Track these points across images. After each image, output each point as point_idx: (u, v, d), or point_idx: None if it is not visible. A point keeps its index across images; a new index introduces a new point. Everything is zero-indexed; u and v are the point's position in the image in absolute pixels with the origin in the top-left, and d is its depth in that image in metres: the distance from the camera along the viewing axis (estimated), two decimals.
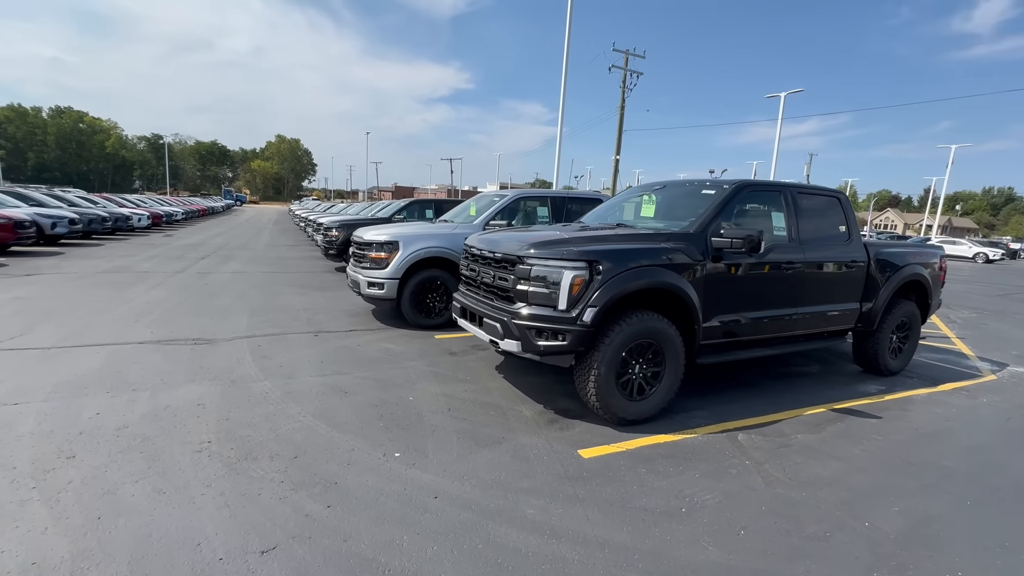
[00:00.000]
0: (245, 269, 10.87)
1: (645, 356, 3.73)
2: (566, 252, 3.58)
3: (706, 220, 4.11)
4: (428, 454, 3.12)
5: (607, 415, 3.65)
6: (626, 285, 3.54)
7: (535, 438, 3.44)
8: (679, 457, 3.28)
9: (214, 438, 3.16)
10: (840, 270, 4.88)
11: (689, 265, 3.86)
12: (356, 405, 3.81)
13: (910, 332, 5.57)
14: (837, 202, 5.07)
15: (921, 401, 4.74)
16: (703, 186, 4.64)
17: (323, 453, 3.05)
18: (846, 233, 5.04)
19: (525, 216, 7.45)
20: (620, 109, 28.68)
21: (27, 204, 14.23)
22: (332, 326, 6.27)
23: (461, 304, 4.41)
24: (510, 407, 3.96)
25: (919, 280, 5.45)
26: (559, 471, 3.01)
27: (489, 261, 4.09)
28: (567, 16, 14.66)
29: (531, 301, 3.61)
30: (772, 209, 4.68)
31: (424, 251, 6.26)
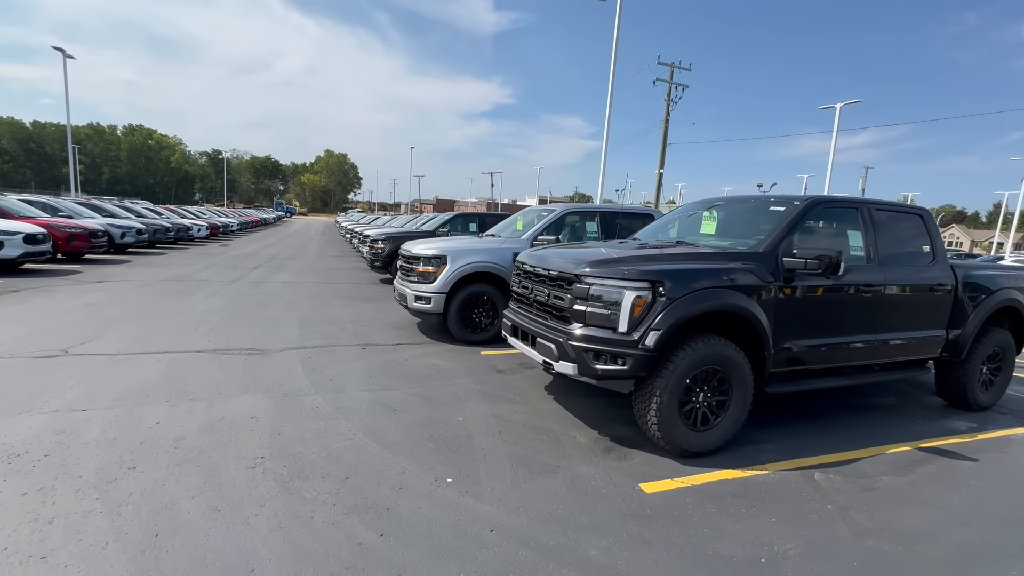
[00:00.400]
0: (295, 279, 11.18)
1: (710, 384, 3.48)
2: (627, 271, 3.40)
3: (776, 239, 3.84)
4: (481, 481, 2.99)
5: (669, 446, 3.42)
6: (692, 307, 3.32)
7: (592, 468, 3.24)
8: (751, 497, 3.01)
9: (267, 454, 3.13)
10: (924, 294, 4.47)
11: (759, 287, 3.60)
12: (405, 424, 3.73)
13: (1003, 363, 5.03)
14: (920, 220, 4.67)
15: (1020, 442, 4.24)
16: (770, 202, 4.37)
17: (374, 475, 2.97)
18: (930, 253, 4.62)
19: (572, 231, 7.30)
20: (664, 122, 28.23)
21: (100, 215, 15.24)
22: (379, 339, 6.28)
23: (512, 322, 4.29)
24: (563, 432, 3.78)
25: (1014, 306, 4.93)
26: (621, 507, 2.81)
27: (543, 279, 3.96)
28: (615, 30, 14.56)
29: (589, 322, 3.45)
30: (848, 227, 4.34)
31: (471, 266, 6.20)
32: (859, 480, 3.33)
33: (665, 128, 28.16)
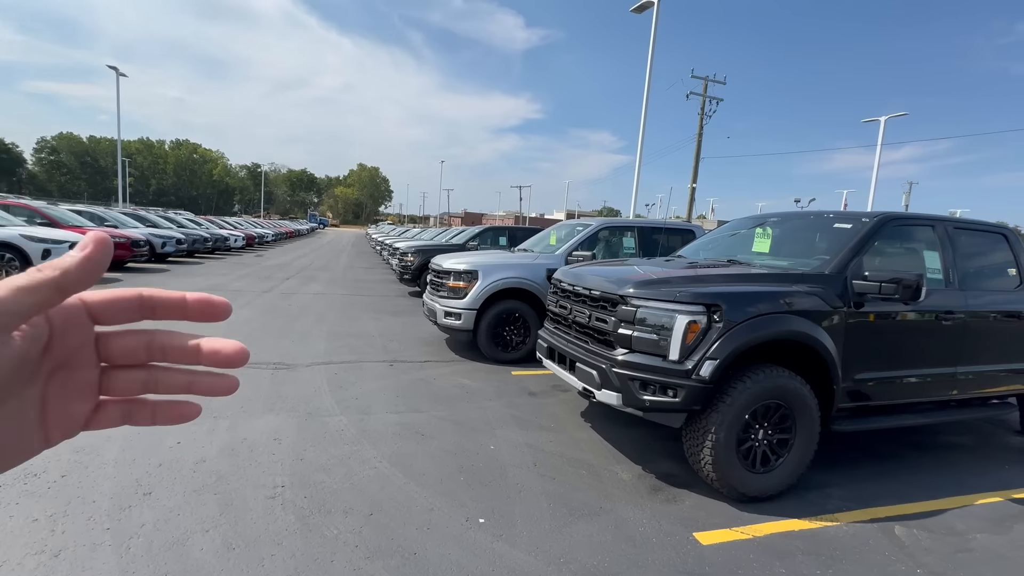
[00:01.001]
0: (325, 291, 11.20)
1: (771, 420, 3.12)
2: (679, 293, 3.10)
3: (844, 259, 3.47)
4: (516, 523, 2.70)
5: (724, 488, 3.06)
6: (753, 335, 2.98)
7: (638, 511, 2.92)
8: (824, 555, 2.63)
9: (288, 482, 2.93)
10: (1009, 321, 4.00)
11: (826, 313, 3.24)
12: (434, 452, 3.49)
13: None
14: (1004, 239, 4.20)
15: None
16: (834, 219, 3.99)
17: (400, 511, 2.72)
18: (1016, 277, 4.14)
19: (608, 247, 7.00)
20: (698, 136, 27.69)
21: (144, 225, 15.76)
22: (407, 355, 6.09)
23: (548, 343, 4.02)
24: (604, 467, 3.47)
25: None
26: (675, 561, 2.48)
27: (584, 299, 3.68)
28: (650, 41, 14.32)
29: (635, 348, 3.15)
30: (923, 247, 3.92)
31: (503, 282, 5.98)
32: (948, 538, 2.90)
33: (698, 142, 27.61)
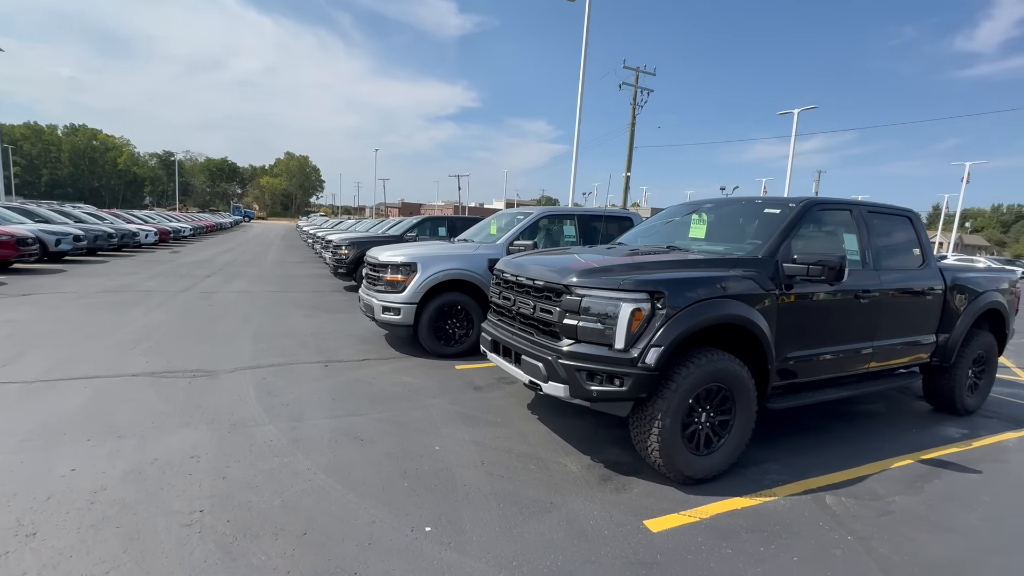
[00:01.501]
0: (251, 288, 10.43)
1: (713, 402, 3.19)
2: (623, 281, 3.06)
3: (775, 244, 3.59)
4: (465, 528, 2.57)
5: (671, 473, 3.09)
6: (694, 320, 3.01)
7: (589, 503, 2.88)
8: (766, 531, 2.71)
9: (207, 505, 2.62)
10: (916, 298, 4.34)
11: (760, 296, 3.33)
12: (374, 457, 3.28)
13: (987, 366, 4.99)
14: (909, 221, 4.55)
15: (1015, 448, 4.14)
16: (764, 204, 4.14)
17: (338, 527, 2.51)
18: (920, 256, 4.51)
19: (549, 235, 6.97)
20: (631, 126, 28.46)
21: (32, 220, 13.94)
22: (343, 354, 5.76)
23: (492, 336, 3.89)
24: (552, 459, 3.41)
25: (997, 308, 4.89)
26: (627, 553, 2.45)
27: (527, 289, 3.58)
28: (583, 35, 14.41)
29: (581, 338, 3.09)
30: (843, 230, 4.15)
31: (444, 273, 5.77)
32: (872, 503, 3.09)
33: (631, 132, 28.39)
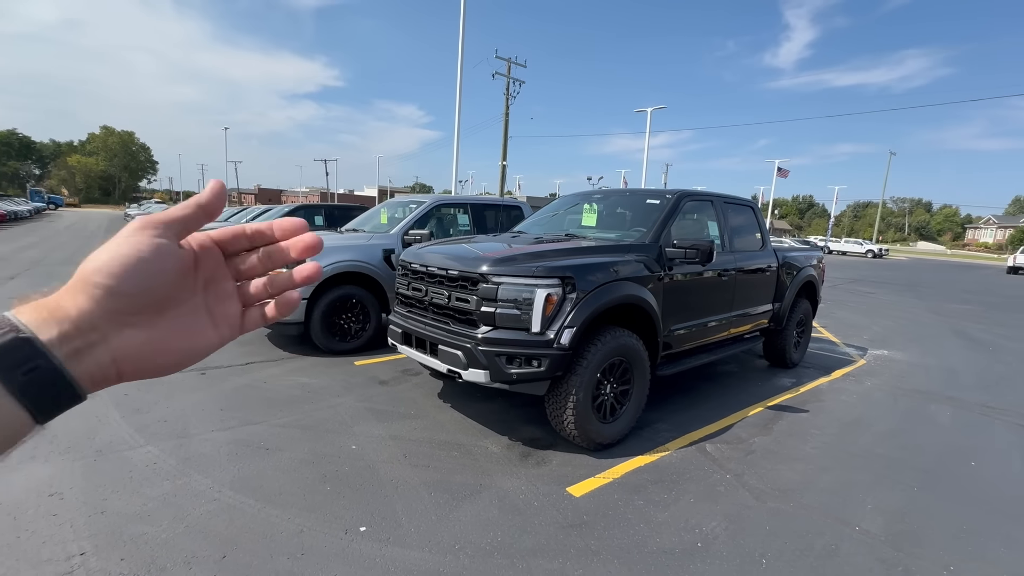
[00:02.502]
0: None
1: (616, 375, 3.54)
2: (535, 268, 3.24)
3: (658, 230, 4.07)
4: (401, 521, 2.56)
5: (584, 442, 3.39)
6: (601, 301, 3.31)
7: (516, 480, 3.04)
8: (667, 481, 3.13)
9: (89, 546, 2.24)
10: (759, 274, 5.23)
11: (650, 277, 3.77)
12: (287, 465, 3.06)
13: (806, 327, 6.21)
14: (752, 211, 5.44)
15: (827, 390, 5.25)
16: (645, 195, 4.63)
17: (262, 543, 2.32)
18: (760, 240, 5.42)
19: (442, 224, 6.95)
20: (505, 116, 29.15)
21: None
22: (221, 359, 5.16)
23: (403, 328, 3.83)
24: (473, 444, 3.50)
25: (812, 280, 6.09)
26: (558, 519, 2.66)
27: (440, 279, 3.59)
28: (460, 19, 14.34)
29: (499, 324, 3.21)
30: (707, 218, 4.83)
31: (336, 266, 5.45)
32: (739, 445, 3.72)
33: (506, 122, 29.10)
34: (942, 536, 2.70)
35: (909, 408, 4.79)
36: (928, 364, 6.50)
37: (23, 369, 0.36)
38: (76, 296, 0.40)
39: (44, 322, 0.38)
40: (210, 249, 0.49)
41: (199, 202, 0.46)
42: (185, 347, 0.46)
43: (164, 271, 0.44)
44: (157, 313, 0.44)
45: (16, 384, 0.36)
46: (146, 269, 0.42)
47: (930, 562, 2.47)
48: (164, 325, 0.44)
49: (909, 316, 10.52)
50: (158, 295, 0.44)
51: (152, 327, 0.44)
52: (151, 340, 0.43)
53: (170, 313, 0.45)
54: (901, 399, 5.04)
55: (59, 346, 0.38)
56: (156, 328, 0.44)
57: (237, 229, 0.51)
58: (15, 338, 0.37)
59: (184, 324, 0.46)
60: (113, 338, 0.41)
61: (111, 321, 0.41)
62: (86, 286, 0.40)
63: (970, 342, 8.10)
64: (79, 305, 0.40)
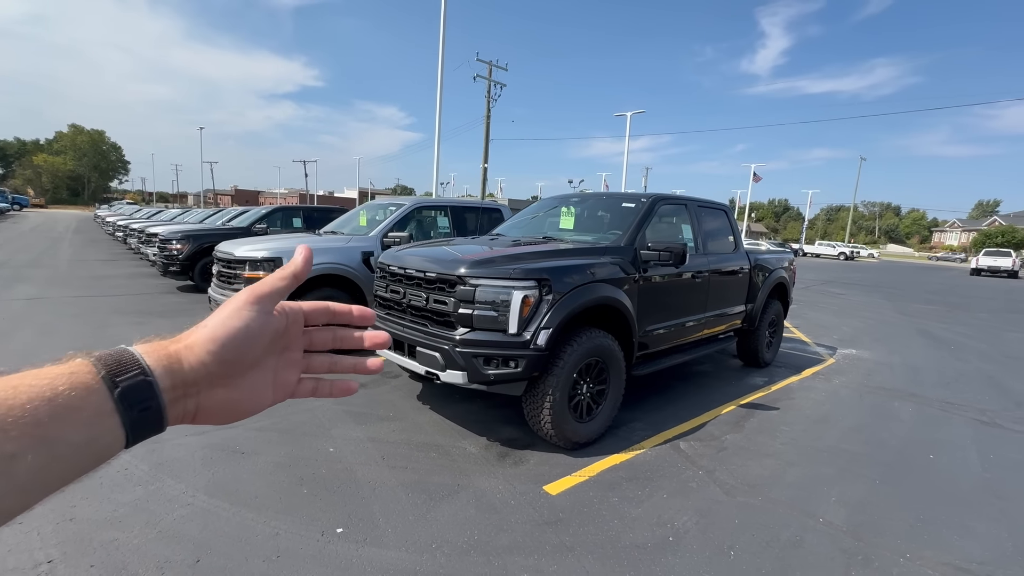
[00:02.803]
0: (45, 294, 8.46)
1: (592, 375, 3.61)
2: (512, 270, 3.29)
3: (633, 233, 4.16)
4: (378, 522, 2.57)
5: (561, 441, 3.44)
6: (576, 303, 3.37)
7: (493, 479, 3.08)
8: (641, 478, 3.20)
9: (58, 554, 2.20)
10: (733, 276, 5.37)
11: (625, 278, 3.85)
12: (262, 469, 3.04)
13: (777, 327, 6.38)
14: (725, 214, 5.59)
15: (797, 388, 5.42)
16: (621, 199, 4.72)
17: (237, 546, 2.31)
18: (733, 242, 5.57)
19: (422, 226, 6.95)
20: (486, 118, 29.20)
21: None
22: None
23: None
24: (452, 445, 3.53)
25: (783, 282, 6.27)
26: (534, 516, 2.70)
27: (418, 282, 3.61)
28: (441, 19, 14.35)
29: (476, 326, 3.25)
30: (681, 221, 4.95)
31: (314, 268, 5.42)
32: (711, 442, 3.82)
33: (487, 124, 29.15)
34: (900, 526, 2.83)
35: (874, 405, 4.97)
36: (893, 362, 6.75)
37: (141, 407, 0.42)
38: (192, 354, 0.46)
39: (165, 369, 0.44)
40: (297, 318, 0.55)
41: (295, 273, 0.53)
42: (247, 406, 0.51)
43: (264, 344, 0.50)
44: (242, 376, 0.49)
45: (131, 417, 0.42)
46: (252, 343, 0.49)
47: (888, 551, 2.59)
48: (243, 385, 0.50)
49: (877, 316, 10.88)
50: (251, 362, 0.50)
51: (234, 387, 0.49)
52: (229, 398, 0.49)
53: (250, 375, 0.50)
54: (867, 396, 5.23)
55: (169, 392, 0.44)
56: (237, 388, 0.49)
57: (323, 305, 0.57)
58: (143, 380, 0.43)
59: (255, 384, 0.51)
60: (204, 393, 0.47)
61: (209, 381, 0.47)
62: (201, 349, 0.46)
63: (933, 341, 8.43)
64: (192, 364, 0.46)
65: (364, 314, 0.58)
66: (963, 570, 2.46)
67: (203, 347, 0.47)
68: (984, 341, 8.67)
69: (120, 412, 0.41)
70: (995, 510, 3.07)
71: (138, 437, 0.43)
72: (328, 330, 0.58)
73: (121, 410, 0.41)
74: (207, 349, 0.46)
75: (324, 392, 0.58)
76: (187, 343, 0.47)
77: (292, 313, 0.54)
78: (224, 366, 0.47)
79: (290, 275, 0.52)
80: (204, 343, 0.47)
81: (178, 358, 0.46)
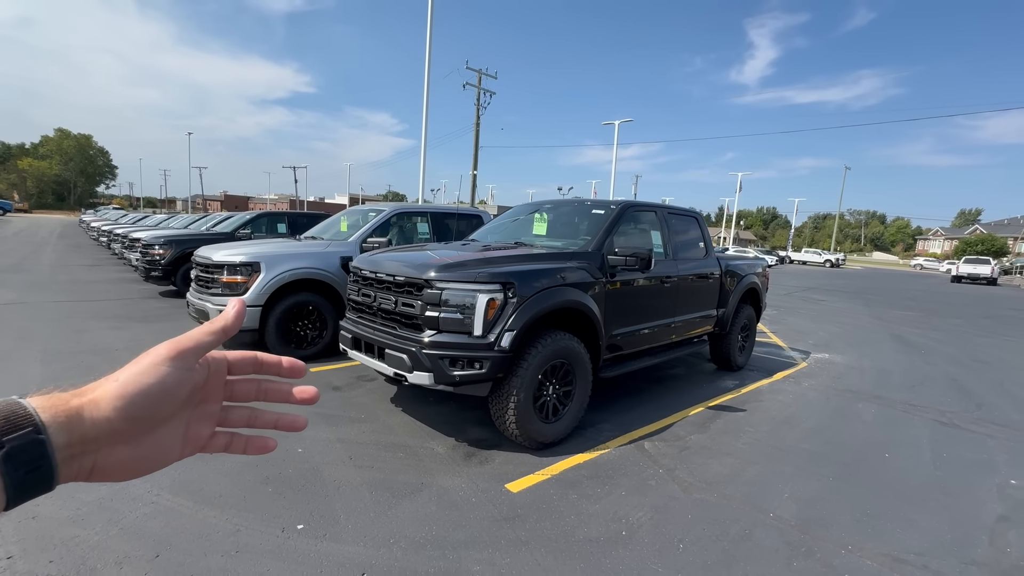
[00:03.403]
0: (25, 299, 8.41)
1: (558, 376, 3.70)
2: (478, 274, 3.38)
3: (601, 239, 4.27)
4: (339, 519, 2.63)
5: (526, 441, 3.52)
6: (541, 306, 3.47)
7: (457, 478, 3.15)
8: (602, 476, 3.29)
9: (18, 550, 2.24)
10: (703, 281, 5.50)
11: (592, 283, 3.96)
12: (229, 469, 3.09)
13: (750, 332, 6.53)
14: (695, 220, 5.73)
15: (767, 391, 5.55)
16: (592, 206, 4.85)
17: (197, 543, 2.37)
18: (704, 248, 5.71)
19: (403, 232, 7.03)
20: (476, 126, 29.40)
21: None
22: None
23: (353, 334, 3.91)
24: (419, 445, 3.59)
25: (755, 287, 6.42)
26: (493, 513, 2.78)
27: (388, 285, 3.69)
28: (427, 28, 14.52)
29: (443, 328, 3.33)
30: (649, 227, 5.08)
31: (292, 273, 5.48)
32: (675, 443, 3.93)
33: (476, 132, 29.35)
34: (847, 520, 2.94)
35: (838, 406, 5.11)
36: (863, 366, 6.91)
37: (28, 468, 0.39)
38: (96, 410, 0.43)
39: (62, 426, 0.41)
40: (220, 368, 0.52)
41: (224, 328, 0.50)
42: (149, 465, 0.48)
43: (179, 400, 0.48)
44: (149, 433, 0.46)
45: (15, 479, 0.38)
46: (166, 401, 0.46)
47: (832, 543, 2.69)
48: (148, 443, 0.47)
49: (854, 322, 11.10)
50: (162, 419, 0.47)
51: (138, 445, 0.46)
52: (130, 456, 0.46)
53: (158, 431, 0.47)
54: (833, 398, 5.37)
55: (64, 449, 0.41)
56: (141, 446, 0.46)
57: (250, 355, 0.54)
58: (34, 439, 0.39)
59: (162, 441, 0.48)
60: (104, 451, 0.44)
61: (112, 438, 0.44)
62: (108, 405, 0.43)
63: (904, 345, 8.63)
64: (96, 420, 0.43)
65: (294, 366, 0.55)
66: (900, 560, 2.57)
67: (109, 403, 0.43)
68: (954, 346, 8.90)
69: (3, 473, 0.38)
70: (940, 505, 3.19)
71: (21, 499, 0.40)
72: (253, 381, 0.55)
73: (5, 471, 0.38)
74: (114, 405, 0.43)
75: (238, 449, 0.55)
76: (92, 397, 0.44)
77: (214, 363, 0.51)
78: (131, 423, 0.44)
79: (218, 330, 0.50)
80: (111, 399, 0.44)
81: (79, 413, 0.42)
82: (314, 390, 0.55)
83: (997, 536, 2.86)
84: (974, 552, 2.70)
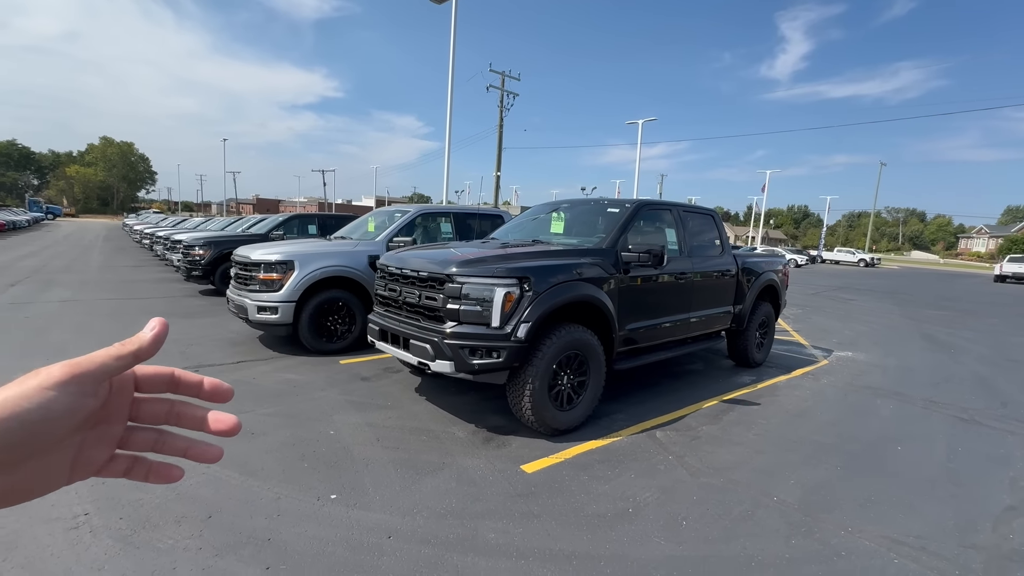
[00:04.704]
0: (79, 297, 9.05)
1: (572, 367, 3.89)
2: (496, 269, 3.60)
3: (615, 236, 4.44)
4: (368, 491, 2.89)
5: (541, 427, 3.72)
6: (555, 299, 3.66)
7: (475, 459, 3.38)
8: (613, 461, 3.47)
9: (92, 508, 2.57)
10: (718, 278, 5.60)
11: (605, 278, 4.13)
12: (270, 446, 3.39)
13: (768, 329, 6.56)
14: (712, 219, 5.82)
15: (783, 386, 5.60)
16: (607, 205, 5.01)
17: (244, 507, 2.66)
18: (720, 246, 5.80)
19: (427, 232, 7.32)
20: (499, 128, 29.70)
21: None
22: (214, 358, 5.50)
23: (380, 326, 4.18)
24: (442, 430, 3.84)
25: (773, 284, 6.46)
26: (508, 490, 2.99)
27: (413, 280, 3.95)
28: (451, 32, 14.84)
29: (463, 320, 3.57)
30: (665, 226, 5.21)
31: (323, 271, 5.82)
32: (687, 432, 4.06)
33: (500, 133, 29.64)
34: (850, 505, 3.04)
35: (856, 402, 5.13)
36: (887, 364, 6.85)
37: None
38: None
39: None
40: (126, 389, 0.46)
41: (137, 353, 0.44)
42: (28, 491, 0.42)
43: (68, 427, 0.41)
44: (27, 460, 0.40)
45: None
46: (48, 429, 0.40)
47: (832, 524, 2.81)
48: (26, 469, 0.40)
49: (883, 321, 10.89)
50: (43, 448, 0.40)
51: (13, 472, 0.40)
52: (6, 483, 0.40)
53: (40, 458, 0.41)
54: (851, 394, 5.39)
55: None
56: (16, 473, 0.40)
57: (166, 372, 0.48)
58: None
59: (45, 468, 0.42)
60: None
61: None
62: None
63: (933, 344, 8.47)
64: None
65: (217, 389, 0.50)
66: (898, 542, 2.67)
67: None
68: (987, 345, 8.67)
69: None
70: (947, 494, 3.25)
71: None
72: (165, 402, 0.49)
73: None
74: None
75: (139, 476, 0.49)
76: None
77: (118, 379, 0.45)
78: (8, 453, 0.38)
79: (129, 354, 0.44)
80: None
81: None
82: (234, 420, 0.50)
83: (1001, 523, 2.92)
84: (975, 537, 2.77)
